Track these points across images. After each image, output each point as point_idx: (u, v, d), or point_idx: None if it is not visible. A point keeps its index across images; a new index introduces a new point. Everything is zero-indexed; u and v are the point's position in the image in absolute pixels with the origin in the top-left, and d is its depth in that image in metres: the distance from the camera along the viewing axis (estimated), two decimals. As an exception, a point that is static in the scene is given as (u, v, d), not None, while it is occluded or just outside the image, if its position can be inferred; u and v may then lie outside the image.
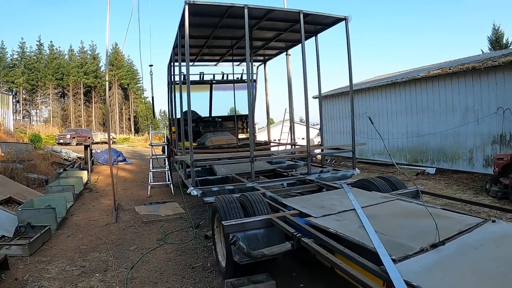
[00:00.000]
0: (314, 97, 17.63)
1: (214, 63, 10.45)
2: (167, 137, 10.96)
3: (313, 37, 7.29)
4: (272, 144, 10.52)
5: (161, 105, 71.28)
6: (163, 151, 10.52)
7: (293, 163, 8.32)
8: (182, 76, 7.49)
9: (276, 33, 7.41)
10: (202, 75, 10.66)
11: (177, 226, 6.33)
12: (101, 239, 5.67)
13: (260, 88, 11.18)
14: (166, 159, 9.76)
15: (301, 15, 5.90)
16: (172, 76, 9.34)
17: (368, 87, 13.57)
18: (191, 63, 9.93)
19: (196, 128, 10.77)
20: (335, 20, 6.47)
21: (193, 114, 10.93)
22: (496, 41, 23.92)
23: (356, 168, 6.61)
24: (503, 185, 7.11)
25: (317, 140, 25.47)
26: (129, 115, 69.06)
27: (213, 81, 11.04)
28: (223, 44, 8.35)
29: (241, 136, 11.52)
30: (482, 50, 25.94)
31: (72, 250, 5.20)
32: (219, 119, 11.31)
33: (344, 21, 6.30)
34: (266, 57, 10.09)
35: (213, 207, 4.24)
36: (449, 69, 9.81)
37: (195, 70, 10.69)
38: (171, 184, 9.26)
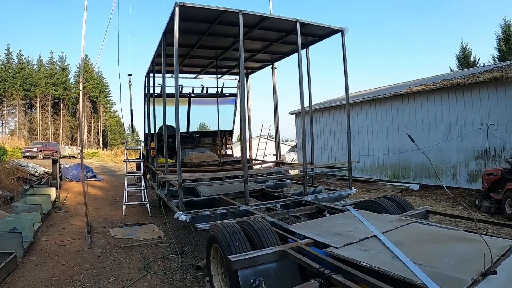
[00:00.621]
0: (291, 113, 17.52)
1: (194, 75, 9.91)
2: (142, 153, 10.24)
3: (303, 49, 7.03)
4: (256, 161, 10.07)
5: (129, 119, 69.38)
6: (138, 168, 9.78)
7: (280, 182, 7.90)
8: (162, 88, 6.94)
9: (265, 44, 7.05)
10: (181, 88, 10.08)
11: (159, 252, 5.69)
12: (74, 268, 4.94)
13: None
14: (142, 176, 9.03)
15: (298, 25, 5.57)
16: (150, 88, 8.75)
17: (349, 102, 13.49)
18: (168, 75, 9.37)
19: (173, 144, 10.12)
20: (330, 32, 6.21)
21: (171, 129, 10.31)
22: (464, 59, 25.03)
23: (353, 187, 6.28)
24: (495, 201, 7.04)
25: (289, 156, 25.29)
26: (98, 129, 66.63)
27: (192, 95, 10.50)
28: (206, 55, 7.88)
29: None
30: (450, 68, 27.19)
31: (42, 282, 4.49)
32: (197, 135, 10.73)
33: (340, 33, 6.06)
34: (249, 70, 9.71)
35: (211, 236, 3.68)
36: (433, 85, 9.85)
37: (172, 82, 10.12)
38: (148, 204, 8.55)
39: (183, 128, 10.79)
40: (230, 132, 11.24)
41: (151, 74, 8.68)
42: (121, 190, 12.36)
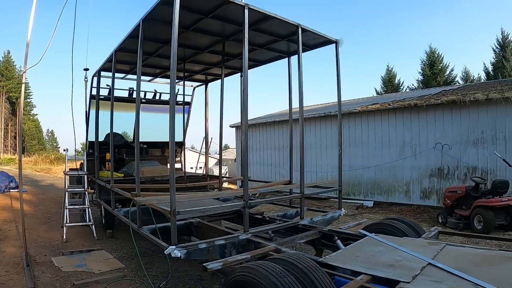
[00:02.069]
0: (231, 126, 16.98)
1: (149, 78, 8.77)
2: (82, 163, 8.70)
3: (285, 58, 6.62)
4: (225, 179, 9.21)
5: (49, 124, 61.96)
6: (79, 182, 8.22)
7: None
8: (138, 90, 5.85)
9: (249, 48, 6.38)
10: (131, 91, 8.86)
11: (126, 291, 4.59)
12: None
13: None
14: (86, 193, 7.57)
15: (300, 30, 5.09)
16: (100, 89, 7.48)
17: (297, 118, 13.42)
18: (120, 75, 8.16)
19: (119, 155, 8.81)
20: (324, 42, 5.83)
21: (118, 138, 8.98)
22: (389, 81, 27.28)
23: (342, 208, 5.90)
24: (462, 217, 7.34)
25: (217, 169, 24.32)
26: (15, 133, 57.81)
27: (143, 100, 9.30)
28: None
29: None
30: (375, 89, 29.40)
31: None
32: (145, 146, 9.48)
33: (334, 44, 5.74)
34: (210, 77, 8.93)
35: (243, 283, 2.84)
36: (389, 104, 10.21)
37: (123, 85, 8.90)
38: (93, 225, 7.16)
39: (130, 138, 9.51)
40: (181, 144, 10.21)
41: (104, 73, 7.41)
42: (51, 205, 10.64)
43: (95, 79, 7.79)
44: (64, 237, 6.78)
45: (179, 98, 9.56)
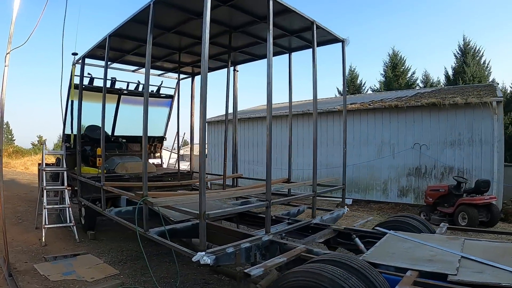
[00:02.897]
0: (207, 121, 16.57)
1: (134, 68, 8.15)
2: (58, 158, 7.93)
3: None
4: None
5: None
6: (56, 178, 7.47)
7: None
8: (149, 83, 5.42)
9: (253, 41, 6.15)
10: (114, 81, 8.23)
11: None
12: None
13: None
14: (66, 191, 6.91)
15: (314, 26, 4.98)
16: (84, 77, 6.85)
17: (276, 115, 13.35)
18: (99, 63, 7.54)
19: (92, 151, 8.17)
20: (331, 40, 5.75)
21: (98, 131, 8.29)
22: (351, 81, 28.03)
23: (346, 206, 5.92)
24: (446, 214, 7.69)
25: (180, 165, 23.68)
26: None
27: (125, 91, 8.69)
28: (171, 44, 6.50)
29: (152, 161, 9.36)
30: (337, 88, 30.11)
31: None
32: (124, 140, 8.87)
33: (340, 43, 5.71)
34: (198, 70, 8.55)
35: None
36: (369, 104, 10.45)
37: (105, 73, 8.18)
38: (74, 227, 6.56)
39: (109, 131, 8.84)
40: (161, 139, 9.72)
41: (88, 60, 6.77)
42: (18, 203, 9.82)
43: (78, 66, 7.11)
44: (43, 240, 6.11)
45: (164, 91, 9.10)
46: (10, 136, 66.26)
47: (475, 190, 7.50)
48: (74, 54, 6.97)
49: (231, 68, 7.21)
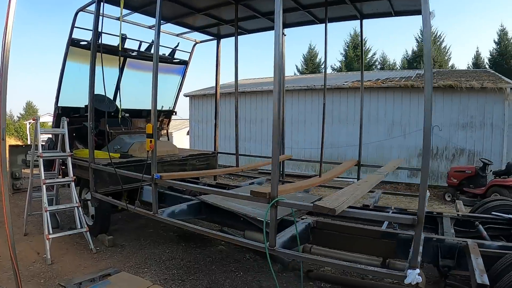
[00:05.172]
0: (186, 95, 14.95)
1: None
2: (50, 138, 6.09)
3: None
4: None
5: None
6: (50, 165, 5.70)
7: None
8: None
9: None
10: (124, 38, 6.48)
11: None
12: None
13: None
14: (73, 184, 5.29)
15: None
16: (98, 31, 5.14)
17: (270, 89, 12.41)
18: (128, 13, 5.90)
19: (99, 127, 6.53)
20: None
21: (107, 103, 6.58)
22: (311, 60, 27.95)
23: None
24: (477, 195, 7.79)
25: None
26: None
27: (133, 53, 6.99)
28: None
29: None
30: (296, 66, 29.95)
31: None
32: (127, 114, 7.19)
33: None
34: (224, 34, 7.25)
35: None
36: (383, 83, 10.10)
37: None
38: (88, 232, 5.07)
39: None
40: (170, 114, 8.22)
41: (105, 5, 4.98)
42: None
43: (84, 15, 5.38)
44: (49, 256, 4.52)
45: (178, 55, 7.54)
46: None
47: (506, 172, 7.69)
48: None
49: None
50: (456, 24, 50.39)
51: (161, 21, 6.30)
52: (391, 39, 53.61)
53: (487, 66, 23.44)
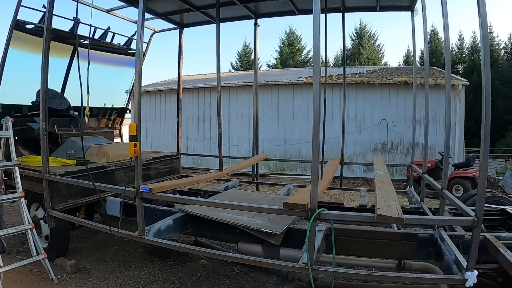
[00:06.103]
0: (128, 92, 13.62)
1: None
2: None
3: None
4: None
5: None
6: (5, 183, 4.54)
7: None
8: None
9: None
10: (77, 22, 5.42)
11: None
12: None
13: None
14: (23, 201, 4.28)
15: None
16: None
17: (225, 85, 11.84)
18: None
19: (49, 129, 5.42)
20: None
21: (58, 100, 5.48)
22: (245, 56, 27.80)
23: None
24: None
25: None
26: None
27: (84, 41, 5.95)
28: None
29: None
30: (231, 63, 29.60)
31: None
32: (76, 113, 6.11)
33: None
34: (187, 22, 6.60)
35: None
36: (338, 79, 10.21)
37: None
38: (46, 259, 4.14)
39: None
40: (123, 112, 7.27)
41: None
42: None
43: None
44: None
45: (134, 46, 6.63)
46: None
47: (466, 164, 8.24)
48: None
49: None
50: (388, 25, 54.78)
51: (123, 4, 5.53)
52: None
53: (418, 64, 25.58)
